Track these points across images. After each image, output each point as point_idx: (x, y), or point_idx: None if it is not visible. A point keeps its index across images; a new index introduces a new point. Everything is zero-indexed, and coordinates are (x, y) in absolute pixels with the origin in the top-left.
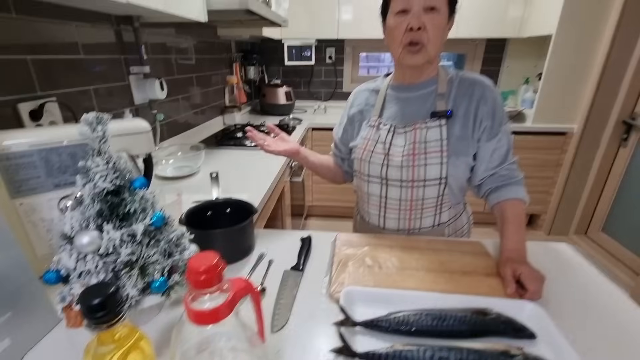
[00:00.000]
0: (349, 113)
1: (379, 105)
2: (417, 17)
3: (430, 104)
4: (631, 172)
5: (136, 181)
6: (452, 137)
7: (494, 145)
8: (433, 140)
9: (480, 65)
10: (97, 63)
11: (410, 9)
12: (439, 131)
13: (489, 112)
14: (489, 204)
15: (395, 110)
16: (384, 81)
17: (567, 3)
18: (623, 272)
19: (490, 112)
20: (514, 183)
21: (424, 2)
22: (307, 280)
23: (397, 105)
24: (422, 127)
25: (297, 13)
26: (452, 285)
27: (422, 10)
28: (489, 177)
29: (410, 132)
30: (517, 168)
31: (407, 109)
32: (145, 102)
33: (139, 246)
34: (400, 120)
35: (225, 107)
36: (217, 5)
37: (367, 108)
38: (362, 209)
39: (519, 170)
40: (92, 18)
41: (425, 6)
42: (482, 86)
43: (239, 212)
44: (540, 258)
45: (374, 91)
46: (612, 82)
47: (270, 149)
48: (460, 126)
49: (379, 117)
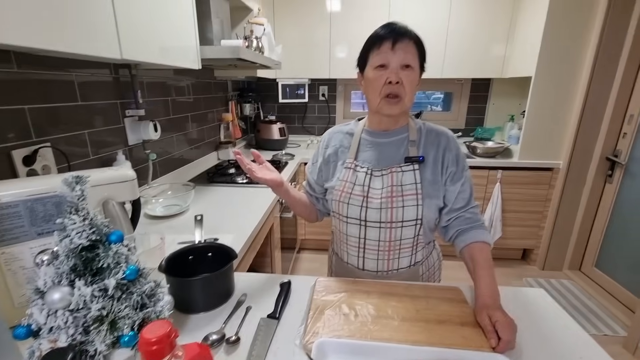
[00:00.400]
0: (325, 154)
1: (354, 148)
2: (396, 72)
3: (403, 149)
4: (618, 208)
5: (112, 235)
6: (425, 180)
7: (458, 188)
8: (409, 183)
9: (467, 103)
10: (94, 108)
11: (388, 64)
12: (413, 175)
13: (454, 159)
14: (457, 247)
15: (370, 154)
16: (357, 125)
17: (543, 47)
18: (619, 309)
19: (454, 159)
20: (479, 227)
21: (401, 60)
22: (283, 329)
23: (372, 149)
24: (397, 170)
25: (291, 54)
26: (425, 336)
27: (399, 67)
28: (455, 219)
29: (387, 175)
30: (479, 213)
31: (382, 153)
32: (139, 142)
33: (110, 300)
34: (376, 164)
35: (220, 143)
36: (210, 55)
37: (341, 150)
38: (340, 249)
39: (480, 215)
40: (92, 66)
41: (402, 64)
42: (447, 137)
43: (220, 255)
44: (516, 304)
45: (348, 134)
46: (593, 120)
47: (256, 175)
48: (431, 171)
49: (354, 160)
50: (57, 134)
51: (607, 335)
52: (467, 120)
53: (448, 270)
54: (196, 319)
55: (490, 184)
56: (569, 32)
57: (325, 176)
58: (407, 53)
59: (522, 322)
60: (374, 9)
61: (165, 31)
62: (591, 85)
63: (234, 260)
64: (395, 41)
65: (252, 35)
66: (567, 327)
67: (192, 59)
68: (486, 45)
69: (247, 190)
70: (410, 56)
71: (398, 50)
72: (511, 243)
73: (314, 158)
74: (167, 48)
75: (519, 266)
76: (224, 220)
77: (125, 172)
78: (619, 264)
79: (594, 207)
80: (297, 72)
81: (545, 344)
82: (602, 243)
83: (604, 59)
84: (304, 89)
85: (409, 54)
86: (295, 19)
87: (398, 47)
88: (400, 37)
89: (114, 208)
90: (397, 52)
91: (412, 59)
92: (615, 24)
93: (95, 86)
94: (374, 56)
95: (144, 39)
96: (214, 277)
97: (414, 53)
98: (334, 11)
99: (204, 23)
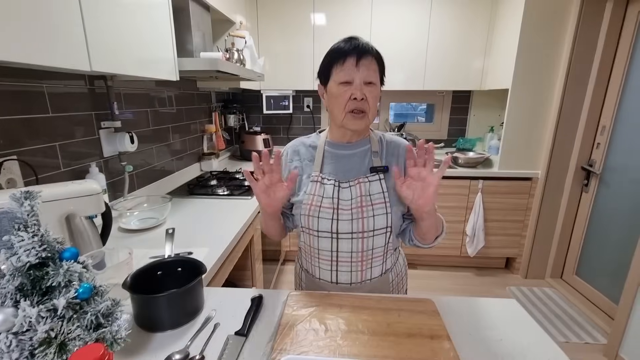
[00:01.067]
0: (291, 167)
1: (319, 160)
2: (360, 89)
3: (368, 160)
4: (595, 216)
5: (66, 252)
6: (390, 189)
7: None
8: (376, 192)
9: (449, 114)
10: (67, 120)
11: (352, 81)
12: (380, 184)
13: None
14: (412, 238)
15: (335, 166)
16: (319, 137)
17: (518, 61)
18: (599, 316)
19: None
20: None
21: (364, 77)
22: (251, 346)
23: (336, 161)
24: (364, 181)
25: (275, 65)
26: (395, 351)
27: (363, 84)
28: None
29: (355, 186)
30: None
31: (347, 165)
32: (115, 154)
33: (59, 321)
34: (342, 176)
35: (203, 154)
36: (189, 67)
37: (305, 163)
38: (311, 265)
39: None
40: (64, 77)
41: (365, 81)
42: (405, 147)
43: (191, 270)
44: (489, 314)
45: (310, 147)
46: (568, 131)
47: (272, 195)
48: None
49: (320, 172)
50: (25, 146)
51: (588, 343)
52: (449, 131)
53: (413, 280)
54: (161, 338)
55: (472, 193)
56: (542, 46)
57: (292, 190)
58: (369, 70)
59: (494, 332)
60: (356, 23)
61: (139, 43)
62: (565, 96)
63: (204, 274)
64: (359, 58)
65: (233, 48)
66: (537, 336)
67: (169, 70)
68: (465, 59)
69: (228, 202)
70: (373, 73)
71: (362, 67)
72: (494, 252)
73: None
74: (142, 60)
75: (503, 275)
76: (200, 233)
77: (89, 186)
78: (597, 271)
79: (572, 215)
80: (281, 84)
81: (515, 352)
82: (582, 251)
83: (576, 71)
84: (289, 100)
85: (372, 70)
86: (279, 32)
87: (362, 64)
88: (364, 54)
89: (81, 222)
90: (360, 68)
91: (374, 75)
92: (585, 37)
93: (68, 97)
94: (338, 72)
95: (116, 51)
96: (180, 294)
97: (375, 69)
98: (317, 25)
99: (184, 35)
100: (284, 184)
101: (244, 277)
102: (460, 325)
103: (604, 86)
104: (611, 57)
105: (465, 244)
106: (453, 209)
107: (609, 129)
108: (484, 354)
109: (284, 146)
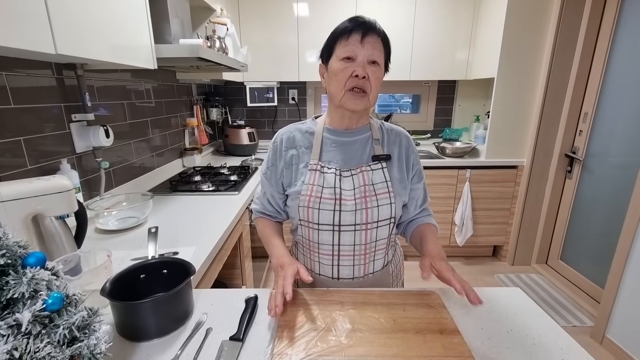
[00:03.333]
0: (286, 156)
1: (317, 148)
2: (363, 66)
3: (369, 148)
4: (578, 202)
5: (30, 257)
6: (394, 179)
7: (422, 186)
8: (379, 182)
9: (435, 105)
10: (32, 112)
11: (355, 57)
12: (382, 173)
13: (417, 158)
14: (407, 233)
15: (335, 153)
16: (315, 123)
17: (503, 49)
18: (585, 300)
19: (417, 158)
20: (429, 216)
21: (369, 55)
22: (248, 351)
23: (337, 149)
24: (367, 169)
25: (259, 57)
26: (404, 349)
27: (366, 62)
28: (419, 213)
29: (357, 175)
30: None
31: (348, 153)
32: (88, 149)
33: (24, 339)
34: (343, 164)
35: (185, 149)
36: (167, 54)
37: (302, 150)
38: (310, 261)
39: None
40: (26, 66)
41: (369, 59)
42: (407, 137)
43: (178, 271)
44: (494, 304)
45: (307, 133)
46: (552, 118)
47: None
48: (397, 169)
49: (319, 160)
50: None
51: (575, 326)
52: (435, 121)
53: (411, 271)
54: (147, 347)
55: (460, 183)
56: (526, 35)
57: (287, 181)
58: (374, 49)
59: (502, 322)
60: (341, 13)
61: (111, 27)
62: (548, 85)
63: (192, 276)
64: (364, 35)
65: (214, 35)
66: (546, 325)
67: (145, 58)
68: (450, 49)
69: (214, 198)
70: (378, 52)
71: (367, 44)
72: (482, 240)
73: (268, 162)
74: (115, 46)
75: (490, 263)
76: (185, 231)
77: (59, 182)
78: (581, 255)
79: (556, 202)
80: (265, 75)
81: (526, 343)
82: (566, 236)
83: (559, 60)
84: (273, 92)
85: (377, 50)
86: (261, 22)
87: (367, 41)
88: (370, 31)
89: (52, 223)
90: (365, 45)
91: (379, 55)
92: (567, 26)
93: (32, 88)
94: (341, 47)
95: (85, 34)
96: (166, 298)
97: (380, 50)
98: (301, 15)
99: (161, 21)
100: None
101: (233, 276)
102: (467, 318)
103: (586, 74)
104: (592, 46)
105: (454, 234)
106: (441, 199)
107: (591, 116)
108: (495, 347)
109: (274, 136)
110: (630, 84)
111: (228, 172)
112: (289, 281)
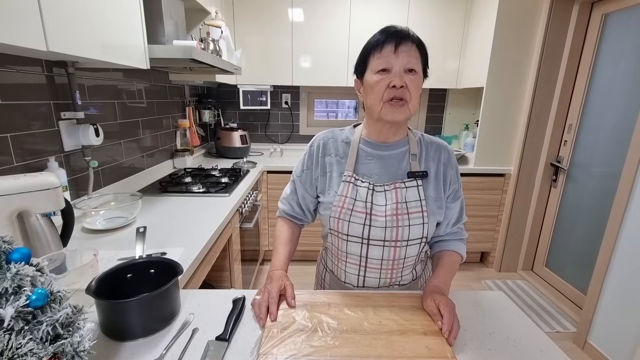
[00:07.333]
0: (323, 162)
1: (352, 159)
2: (399, 76)
3: (405, 163)
4: (563, 210)
5: (14, 253)
6: (429, 198)
7: (459, 206)
8: (413, 200)
9: (426, 112)
10: (19, 109)
11: (391, 68)
12: (417, 191)
13: (455, 176)
14: (432, 250)
15: (371, 167)
16: (353, 132)
17: (493, 60)
18: (568, 306)
19: (456, 176)
20: (460, 240)
21: (404, 64)
22: (234, 352)
23: (372, 162)
24: (401, 186)
25: (252, 60)
26: (388, 350)
27: (403, 71)
28: (449, 234)
29: (390, 191)
30: (464, 227)
31: (384, 167)
32: (77, 148)
33: (6, 335)
34: (377, 179)
35: (177, 150)
36: (160, 54)
37: (337, 159)
38: (337, 267)
39: (465, 229)
40: (16, 62)
41: (405, 68)
42: (447, 151)
43: (165, 271)
44: (478, 307)
45: (344, 142)
46: (538, 128)
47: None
48: (433, 187)
49: (353, 173)
50: None
51: (558, 331)
52: (425, 129)
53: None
54: (132, 347)
55: None
56: (514, 47)
57: (320, 187)
58: (410, 57)
59: (485, 325)
60: (335, 20)
61: (104, 26)
62: (535, 96)
63: (180, 276)
64: (398, 44)
65: (208, 38)
66: (527, 327)
67: (138, 58)
68: (441, 58)
69: (204, 200)
70: (414, 60)
71: (401, 53)
72: (470, 247)
73: (303, 165)
74: (108, 45)
75: (478, 269)
76: (174, 232)
77: (45, 179)
78: (566, 262)
79: (542, 210)
80: (258, 79)
81: (507, 344)
82: (551, 243)
83: (545, 73)
84: (266, 95)
85: (413, 57)
86: (256, 26)
87: (401, 50)
88: (403, 40)
89: (37, 221)
90: (400, 55)
91: (416, 62)
92: (553, 40)
93: (20, 84)
94: (375, 60)
95: (77, 32)
96: (153, 298)
97: (417, 57)
98: (295, 21)
99: (155, 22)
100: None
101: (222, 278)
102: None
103: (571, 87)
104: (577, 59)
105: None
106: None
107: (575, 127)
108: (477, 349)
109: (311, 139)
110: (612, 98)
111: (219, 174)
112: (275, 300)
